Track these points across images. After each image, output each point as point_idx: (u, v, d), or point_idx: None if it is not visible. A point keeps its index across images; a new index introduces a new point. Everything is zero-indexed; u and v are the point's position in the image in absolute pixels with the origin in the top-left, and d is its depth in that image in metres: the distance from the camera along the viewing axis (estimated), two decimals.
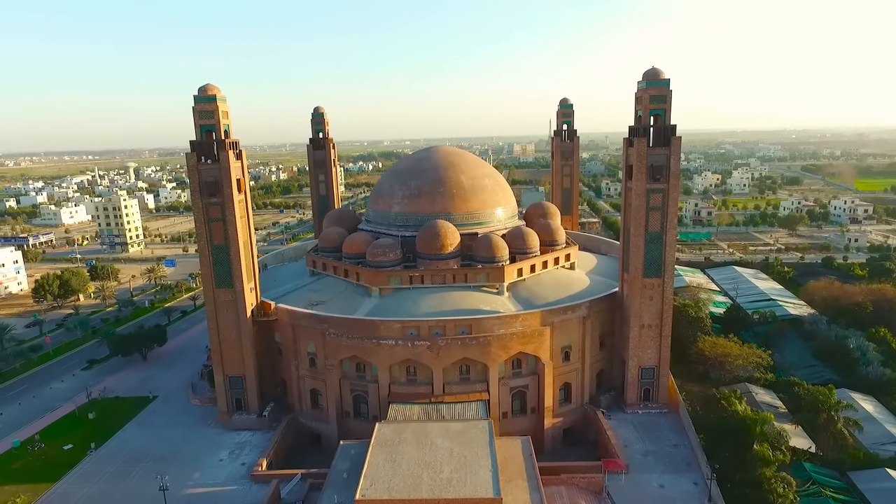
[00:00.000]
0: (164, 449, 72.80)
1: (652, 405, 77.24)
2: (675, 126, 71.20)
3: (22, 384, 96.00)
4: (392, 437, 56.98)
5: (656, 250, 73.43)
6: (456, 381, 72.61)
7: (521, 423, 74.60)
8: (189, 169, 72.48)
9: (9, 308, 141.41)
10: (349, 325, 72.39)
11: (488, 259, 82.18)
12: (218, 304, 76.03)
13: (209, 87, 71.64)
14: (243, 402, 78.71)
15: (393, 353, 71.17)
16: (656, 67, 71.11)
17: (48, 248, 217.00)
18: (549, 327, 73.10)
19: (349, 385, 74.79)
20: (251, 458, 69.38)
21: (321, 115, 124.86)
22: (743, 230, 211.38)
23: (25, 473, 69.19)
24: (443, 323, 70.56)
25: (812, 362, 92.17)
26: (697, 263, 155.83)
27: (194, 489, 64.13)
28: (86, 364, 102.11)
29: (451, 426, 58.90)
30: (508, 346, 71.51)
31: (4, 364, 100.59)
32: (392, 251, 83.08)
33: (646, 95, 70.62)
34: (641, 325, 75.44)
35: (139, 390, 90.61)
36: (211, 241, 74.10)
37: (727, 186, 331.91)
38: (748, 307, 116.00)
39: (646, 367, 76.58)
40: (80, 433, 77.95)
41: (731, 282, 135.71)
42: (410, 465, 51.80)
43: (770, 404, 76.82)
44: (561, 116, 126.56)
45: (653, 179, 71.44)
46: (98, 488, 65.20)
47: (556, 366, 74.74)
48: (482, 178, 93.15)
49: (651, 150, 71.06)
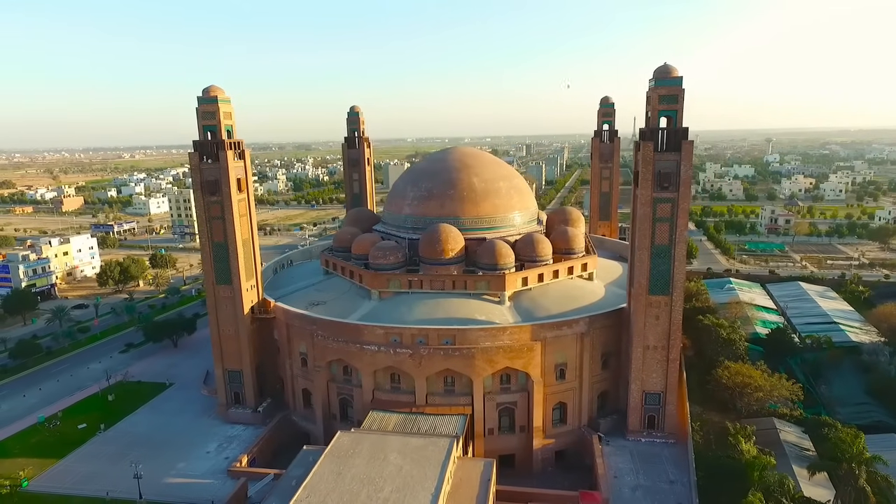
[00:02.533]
0: (162, 436, 75.99)
1: (657, 434, 70.69)
2: (686, 129, 64.26)
3: (65, 363, 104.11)
4: (348, 448, 55.60)
5: (664, 265, 66.81)
6: (440, 392, 70.07)
7: (508, 441, 70.90)
8: (191, 168, 74.75)
9: (80, 290, 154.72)
10: (335, 327, 71.81)
11: (490, 266, 78.69)
12: (218, 299, 78.13)
13: (212, 88, 73.41)
14: (241, 397, 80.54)
15: (376, 359, 69.79)
16: (668, 64, 64.47)
17: (130, 235, 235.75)
18: (540, 342, 68.71)
19: (336, 388, 74.36)
20: (236, 453, 70.64)
21: (356, 114, 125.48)
22: (825, 241, 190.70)
23: (39, 448, 74.59)
24: (425, 331, 68.22)
25: (863, 399, 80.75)
26: (759, 277, 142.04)
27: (173, 479, 66.24)
28: (123, 347, 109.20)
29: (411, 441, 56.60)
30: (494, 360, 67.95)
31: (55, 343, 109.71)
32: (393, 254, 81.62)
33: (655, 95, 64.19)
34: (646, 347, 69.07)
35: (161, 376, 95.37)
36: (211, 238, 76.12)
37: (820, 192, 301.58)
38: (803, 329, 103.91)
39: (650, 393, 70.11)
40: (97, 414, 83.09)
41: (792, 299, 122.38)
42: (354, 481, 50.15)
43: (796, 444, 67.87)
44: (601, 116, 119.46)
45: (661, 187, 64.94)
46: (94, 468, 68.97)
47: (548, 384, 70.23)
48: (496, 181, 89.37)
49: (659, 155, 64.60)
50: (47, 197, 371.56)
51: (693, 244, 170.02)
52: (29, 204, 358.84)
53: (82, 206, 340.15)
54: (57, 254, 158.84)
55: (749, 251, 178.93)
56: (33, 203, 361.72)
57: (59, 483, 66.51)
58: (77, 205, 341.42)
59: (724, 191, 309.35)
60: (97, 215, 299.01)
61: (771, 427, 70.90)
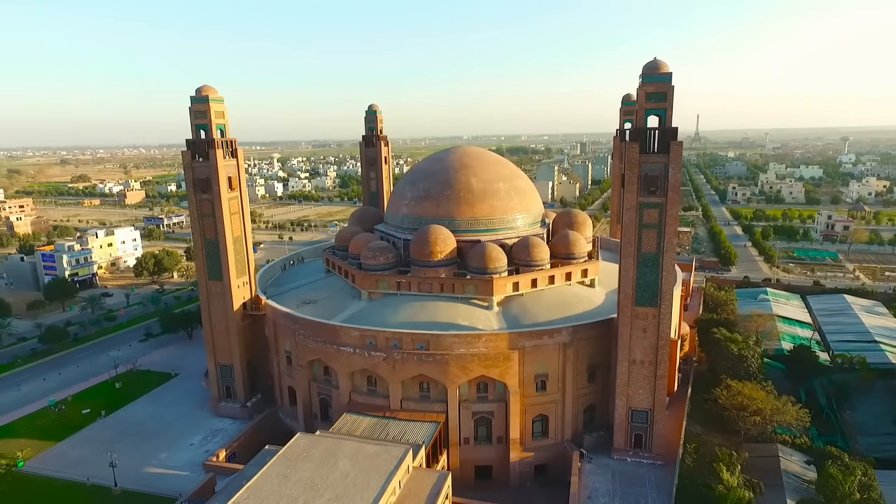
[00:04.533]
0: (154, 425, 78.46)
1: (643, 454, 66.33)
2: (675, 129, 59.62)
3: (88, 350, 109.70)
4: (302, 451, 55.04)
5: (651, 275, 62.41)
6: (415, 397, 68.56)
7: (485, 452, 68.54)
8: (184, 166, 76.48)
9: (120, 280, 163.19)
10: (315, 327, 71.62)
11: (479, 270, 76.41)
12: (210, 294, 79.76)
13: (204, 88, 74.77)
14: (232, 391, 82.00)
15: (352, 361, 69.08)
16: (658, 59, 59.90)
17: (178, 228, 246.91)
18: (518, 351, 65.88)
19: (317, 388, 74.29)
20: (217, 447, 71.85)
21: (374, 112, 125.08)
22: (887, 250, 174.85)
23: (42, 431, 78.64)
24: (399, 335, 66.85)
25: (891, 429, 73.02)
26: (801, 288, 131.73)
27: (152, 468, 68.11)
28: (143, 337, 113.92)
29: (366, 448, 55.38)
30: (469, 368, 65.72)
31: (83, 330, 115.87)
32: (384, 254, 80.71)
33: (642, 92, 59.86)
34: (632, 361, 64.85)
35: (169, 366, 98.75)
36: (203, 234, 77.71)
37: (894, 196, 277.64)
38: (836, 347, 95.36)
39: (637, 410, 65.82)
40: (103, 400, 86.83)
41: (831, 313, 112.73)
42: (297, 485, 49.48)
43: (797, 475, 61.96)
44: (623, 115, 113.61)
45: (647, 192, 60.63)
46: (85, 454, 71.91)
47: (527, 395, 67.36)
48: (495, 182, 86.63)
49: (646, 157, 60.29)
50: (114, 191, 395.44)
51: (733, 250, 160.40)
52: (97, 197, 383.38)
53: (143, 200, 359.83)
54: (102, 245, 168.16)
55: (797, 259, 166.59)
56: (101, 196, 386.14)
57: (50, 465, 69.79)
58: (139, 198, 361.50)
59: (784, 193, 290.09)
60: (153, 208, 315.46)
61: (773, 454, 65.20)
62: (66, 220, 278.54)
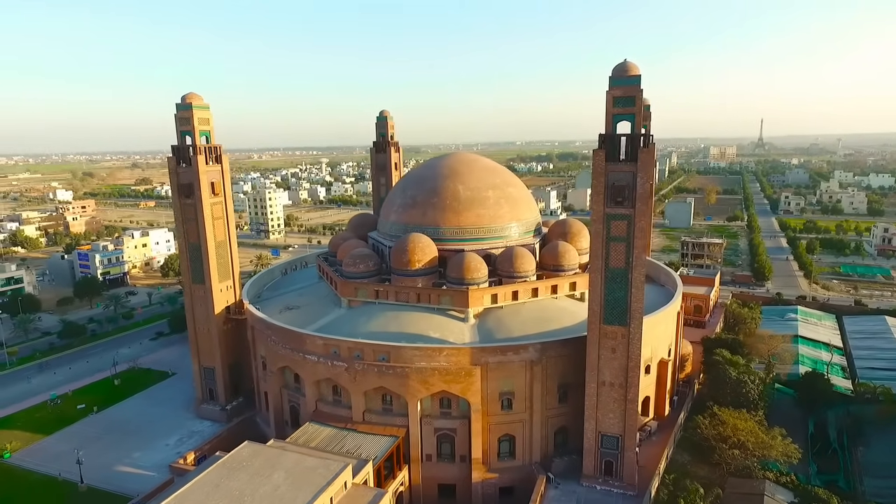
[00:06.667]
0: (137, 423, 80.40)
1: (614, 482, 61.97)
2: (644, 136, 55.65)
3: (102, 346, 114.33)
4: (243, 460, 54.49)
5: (619, 291, 58.28)
6: (378, 410, 66.94)
7: (448, 470, 66.02)
8: (169, 171, 78.19)
9: (151, 279, 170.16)
10: (284, 334, 71.25)
11: (457, 280, 74.14)
12: (193, 297, 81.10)
13: (189, 95, 76.24)
14: (214, 393, 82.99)
15: (316, 370, 68.24)
16: (628, 61, 56.07)
17: None
18: (480, 367, 63.07)
19: (288, 395, 73.93)
20: (189, 449, 72.51)
21: (385, 118, 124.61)
22: None
23: (37, 424, 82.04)
24: (361, 345, 65.39)
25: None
26: (839, 307, 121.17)
27: (122, 467, 69.57)
28: (154, 335, 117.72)
29: (306, 460, 54.18)
30: (429, 382, 63.48)
31: (100, 327, 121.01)
32: (364, 262, 79.74)
33: (609, 97, 56.06)
34: (601, 383, 60.78)
35: (168, 365, 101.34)
36: (187, 238, 79.14)
37: None
38: (864, 375, 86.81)
39: (607, 435, 61.60)
40: (100, 396, 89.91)
41: (866, 337, 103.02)
42: (224, 497, 48.81)
43: None
44: None
45: (614, 202, 56.73)
46: (67, 448, 74.09)
47: (491, 413, 64.39)
48: (483, 190, 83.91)
49: (612, 165, 56.48)
50: (169, 193, 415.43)
51: (768, 264, 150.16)
52: (154, 199, 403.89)
53: None
54: (136, 245, 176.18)
55: (843, 275, 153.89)
56: (158, 198, 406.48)
57: (32, 458, 72.60)
58: None
59: (844, 204, 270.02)
60: None
61: (758, 492, 59.38)
62: (120, 220, 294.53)
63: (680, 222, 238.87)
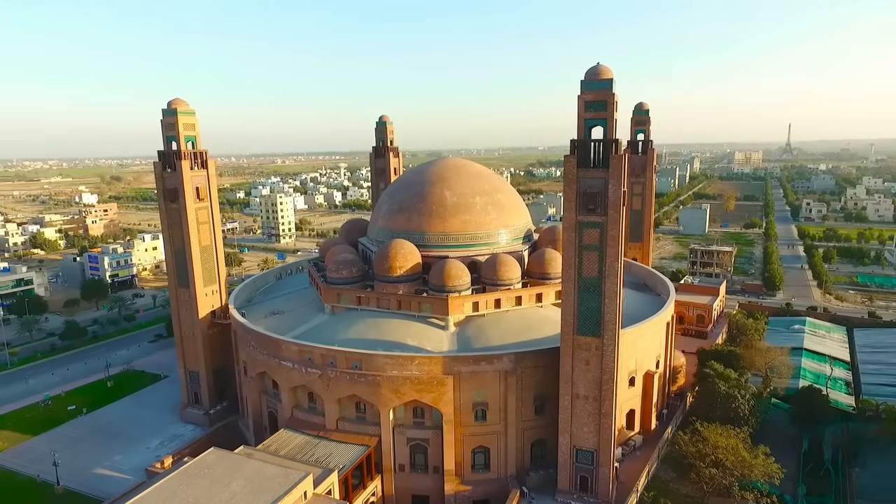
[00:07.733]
0: (122, 426, 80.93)
1: (589, 498, 59.98)
2: (617, 141, 53.74)
3: (101, 348, 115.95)
4: (206, 467, 54.07)
5: (592, 301, 56.50)
6: (352, 418, 66.12)
7: (421, 481, 64.79)
8: (155, 176, 78.85)
9: (159, 282, 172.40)
10: (261, 339, 70.96)
11: (438, 287, 73.13)
12: (179, 301, 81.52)
13: (174, 101, 76.82)
14: (199, 397, 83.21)
15: (291, 376, 67.76)
16: (601, 65, 54.43)
17: (229, 234, 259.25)
18: (452, 377, 61.80)
19: (266, 400, 73.65)
20: (169, 452, 72.59)
21: (384, 124, 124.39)
22: None
23: (26, 424, 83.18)
24: (334, 353, 64.67)
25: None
26: (852, 319, 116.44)
27: (101, 470, 69.94)
28: (153, 338, 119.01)
29: (267, 468, 53.53)
30: (401, 391, 62.42)
31: (101, 329, 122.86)
32: (347, 268, 79.19)
33: (581, 101, 54.46)
34: (575, 395, 58.97)
35: (162, 368, 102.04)
36: (172, 242, 79.64)
37: None
38: (868, 391, 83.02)
39: (582, 450, 59.69)
40: (92, 398, 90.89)
41: (875, 350, 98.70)
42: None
43: None
44: (634, 124, 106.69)
45: (586, 210, 55.05)
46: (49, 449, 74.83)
47: (464, 424, 63.06)
48: (471, 196, 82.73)
49: (584, 171, 54.80)
50: None
51: (780, 273, 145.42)
52: None
53: None
54: (147, 248, 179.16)
55: (859, 286, 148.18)
56: None
57: (15, 459, 73.51)
58: None
59: (869, 211, 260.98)
60: None
61: None
62: (138, 223, 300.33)
63: (695, 229, 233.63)
